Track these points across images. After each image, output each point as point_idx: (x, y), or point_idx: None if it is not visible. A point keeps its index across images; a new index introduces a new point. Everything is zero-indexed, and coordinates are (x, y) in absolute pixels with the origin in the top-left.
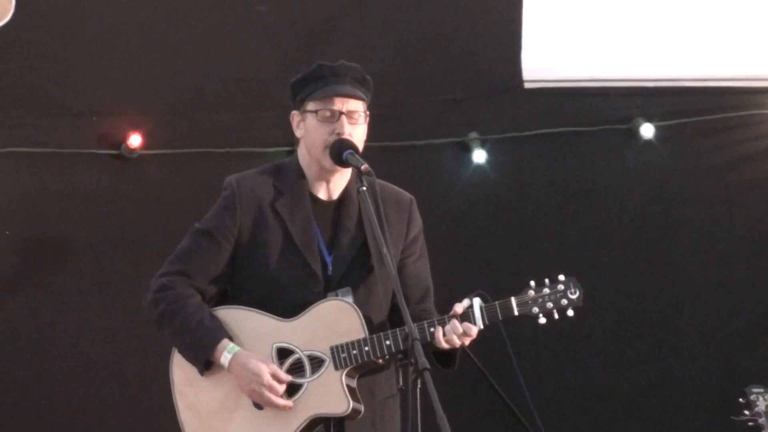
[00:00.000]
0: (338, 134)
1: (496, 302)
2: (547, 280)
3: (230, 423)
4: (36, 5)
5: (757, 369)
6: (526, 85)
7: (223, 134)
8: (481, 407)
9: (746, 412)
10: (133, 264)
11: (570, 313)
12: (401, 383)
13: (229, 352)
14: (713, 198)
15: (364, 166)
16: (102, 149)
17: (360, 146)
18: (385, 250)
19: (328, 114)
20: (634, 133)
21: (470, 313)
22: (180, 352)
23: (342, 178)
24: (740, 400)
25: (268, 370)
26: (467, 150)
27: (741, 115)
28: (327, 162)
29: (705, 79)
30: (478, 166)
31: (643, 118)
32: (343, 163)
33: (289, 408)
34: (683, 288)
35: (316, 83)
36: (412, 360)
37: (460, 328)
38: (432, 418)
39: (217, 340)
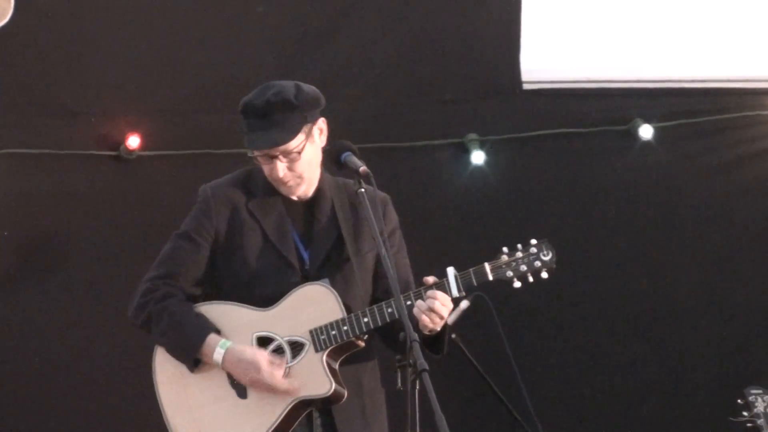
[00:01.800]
0: (274, 179)
1: (470, 269)
2: (519, 245)
3: (217, 415)
4: (35, 6)
5: (756, 370)
6: (525, 87)
7: (222, 135)
8: (479, 408)
9: (745, 414)
10: (131, 264)
11: (544, 275)
12: (400, 384)
13: (221, 347)
14: (712, 199)
15: (363, 168)
16: (100, 150)
17: (308, 172)
18: (383, 251)
19: (262, 159)
20: (633, 134)
21: (444, 282)
22: (168, 351)
23: (312, 181)
24: (739, 401)
25: (264, 358)
26: (466, 151)
27: (739, 116)
28: (283, 191)
29: (703, 81)
30: (477, 167)
31: (641, 119)
32: (341, 166)
33: (294, 388)
34: (682, 289)
35: (245, 124)
36: (411, 361)
37: (438, 296)
38: (430, 419)
39: (204, 337)
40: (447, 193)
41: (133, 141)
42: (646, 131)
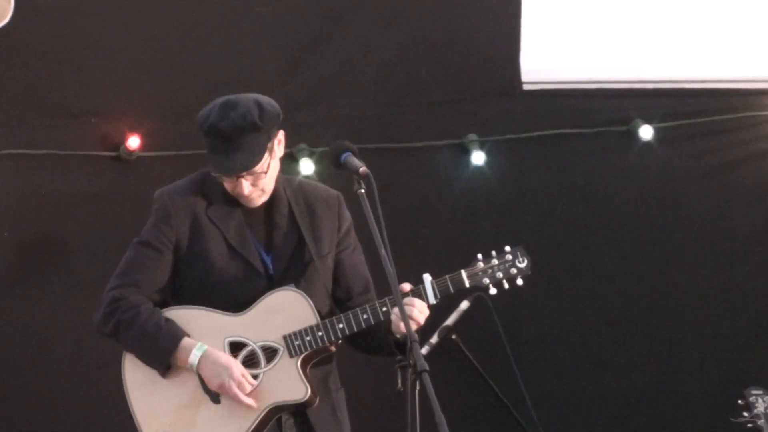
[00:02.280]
0: (238, 194)
1: (447, 276)
2: (494, 252)
3: (189, 420)
4: (35, 7)
5: (757, 371)
6: (525, 87)
7: None
8: (479, 408)
9: (745, 414)
10: None
11: (519, 282)
12: (400, 385)
13: (198, 350)
14: (712, 199)
15: (362, 169)
16: (101, 151)
17: (270, 184)
18: (383, 251)
19: (225, 180)
20: (633, 134)
21: (421, 289)
22: (140, 357)
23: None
24: (739, 402)
25: (237, 367)
26: (466, 152)
27: (740, 116)
28: (243, 202)
29: (704, 81)
30: (477, 168)
31: (641, 119)
32: (341, 166)
33: (252, 407)
34: (682, 290)
35: (208, 143)
36: (411, 362)
37: (415, 302)
38: (431, 420)
39: (178, 341)
40: (447, 194)
41: (133, 142)
42: (646, 132)
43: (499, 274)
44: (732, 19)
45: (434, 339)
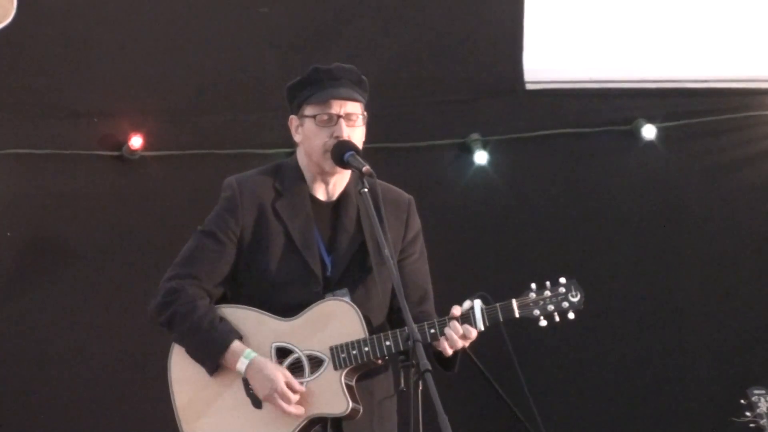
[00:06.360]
0: (337, 137)
1: (497, 304)
2: (548, 283)
3: (229, 421)
4: (37, 7)
5: (759, 370)
6: (528, 87)
7: (224, 135)
8: (482, 408)
9: (748, 414)
10: (135, 265)
11: (571, 315)
12: (403, 384)
13: (246, 358)
14: (715, 199)
15: (366, 168)
16: (103, 150)
17: (360, 142)
18: (387, 251)
19: (326, 118)
20: (636, 134)
21: (471, 314)
22: (191, 352)
23: (341, 180)
24: (741, 401)
25: (282, 378)
26: (469, 151)
27: (743, 116)
28: (327, 165)
29: (707, 81)
30: (480, 168)
31: (644, 119)
32: (345, 165)
33: (301, 416)
34: (685, 289)
35: (312, 87)
36: (414, 361)
37: (460, 330)
38: (433, 420)
39: (229, 343)
40: (449, 194)
41: (136, 141)
42: (648, 131)
43: (551, 307)
44: (734, 18)
45: None
